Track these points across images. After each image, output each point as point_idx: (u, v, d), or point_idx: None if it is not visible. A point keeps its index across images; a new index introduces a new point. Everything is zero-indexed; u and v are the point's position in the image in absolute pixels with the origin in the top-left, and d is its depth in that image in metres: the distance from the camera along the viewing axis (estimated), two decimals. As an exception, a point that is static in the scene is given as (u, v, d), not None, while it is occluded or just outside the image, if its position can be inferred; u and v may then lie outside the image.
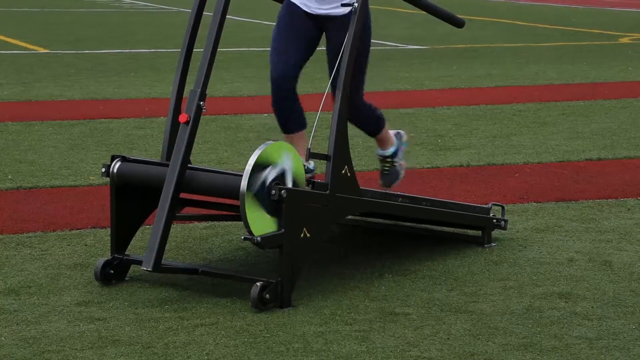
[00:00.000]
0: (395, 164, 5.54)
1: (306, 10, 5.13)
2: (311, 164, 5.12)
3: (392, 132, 5.56)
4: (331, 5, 5.07)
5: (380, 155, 5.53)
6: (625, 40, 15.51)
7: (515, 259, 5.08)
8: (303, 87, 5.28)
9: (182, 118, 4.58)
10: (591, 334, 4.05)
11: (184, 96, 4.81)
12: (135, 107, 9.33)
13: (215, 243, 5.33)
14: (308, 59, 5.22)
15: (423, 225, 5.57)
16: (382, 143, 5.51)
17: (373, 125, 5.41)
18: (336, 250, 5.30)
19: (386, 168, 5.54)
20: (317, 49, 5.24)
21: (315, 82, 9.77)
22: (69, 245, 5.23)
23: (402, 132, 5.64)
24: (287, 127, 5.19)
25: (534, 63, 12.78)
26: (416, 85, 10.92)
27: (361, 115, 5.24)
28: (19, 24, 16.86)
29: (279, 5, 5.73)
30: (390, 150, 5.52)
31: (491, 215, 5.39)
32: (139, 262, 4.55)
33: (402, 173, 5.56)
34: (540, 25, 17.71)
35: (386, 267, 4.93)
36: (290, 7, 5.18)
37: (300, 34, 5.13)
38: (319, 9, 5.10)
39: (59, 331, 4.05)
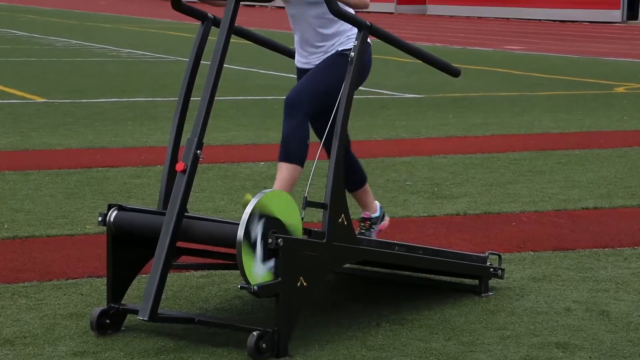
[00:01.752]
0: (372, 229, 5.70)
1: (297, 65, 5.33)
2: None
3: (377, 204, 5.69)
4: (311, 60, 5.25)
5: (366, 217, 5.69)
6: (620, 89, 15.57)
7: (512, 308, 5.06)
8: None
9: (179, 167, 4.58)
10: (589, 384, 4.03)
11: (181, 145, 4.82)
12: (133, 155, 9.34)
13: (211, 292, 5.31)
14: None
15: (420, 274, 5.56)
16: (367, 206, 5.67)
17: (356, 175, 5.51)
18: (333, 299, 5.28)
19: (363, 229, 5.68)
20: None
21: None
22: (64, 294, 5.22)
23: (386, 216, 5.79)
24: (286, 155, 5.21)
25: (530, 112, 12.82)
26: (412, 133, 10.95)
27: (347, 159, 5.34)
28: (16, 74, 16.91)
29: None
30: (375, 215, 5.69)
31: (488, 264, 5.38)
32: (135, 312, 4.53)
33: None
34: (535, 75, 17.79)
35: (383, 316, 4.91)
36: (299, 73, 5.42)
37: None
38: (306, 64, 5.26)
39: (54, 381, 4.02)
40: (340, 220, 4.63)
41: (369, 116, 11.88)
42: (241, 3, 4.79)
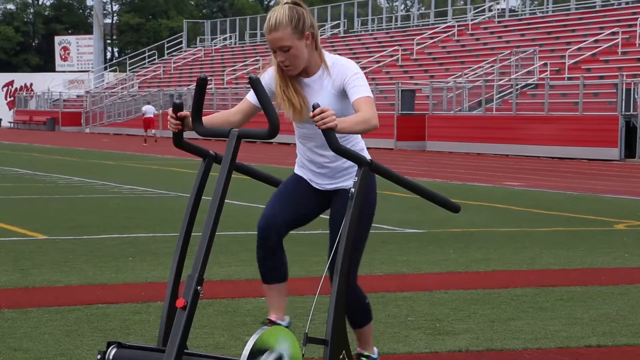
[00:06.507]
0: None
1: (314, 186, 5.25)
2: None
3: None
4: (337, 180, 5.20)
5: (363, 356, 5.39)
6: (620, 226, 15.60)
7: None
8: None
9: (179, 303, 4.57)
10: None
11: (181, 280, 4.81)
12: (133, 291, 9.31)
13: None
14: (300, 225, 5.27)
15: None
16: (365, 343, 5.39)
17: (360, 313, 5.33)
18: None
19: None
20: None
21: (312, 264, 9.78)
22: None
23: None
24: (266, 276, 5.21)
25: (530, 248, 12.82)
26: (413, 269, 10.93)
27: (351, 297, 5.20)
28: (18, 212, 16.98)
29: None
30: (374, 355, 5.43)
31: (491, 401, 5.32)
32: None
33: None
34: (535, 211, 17.85)
35: None
36: (299, 178, 5.30)
37: (301, 202, 5.22)
38: (328, 184, 5.22)
39: None
40: (341, 357, 4.59)
41: (369, 251, 11.87)
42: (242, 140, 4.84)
